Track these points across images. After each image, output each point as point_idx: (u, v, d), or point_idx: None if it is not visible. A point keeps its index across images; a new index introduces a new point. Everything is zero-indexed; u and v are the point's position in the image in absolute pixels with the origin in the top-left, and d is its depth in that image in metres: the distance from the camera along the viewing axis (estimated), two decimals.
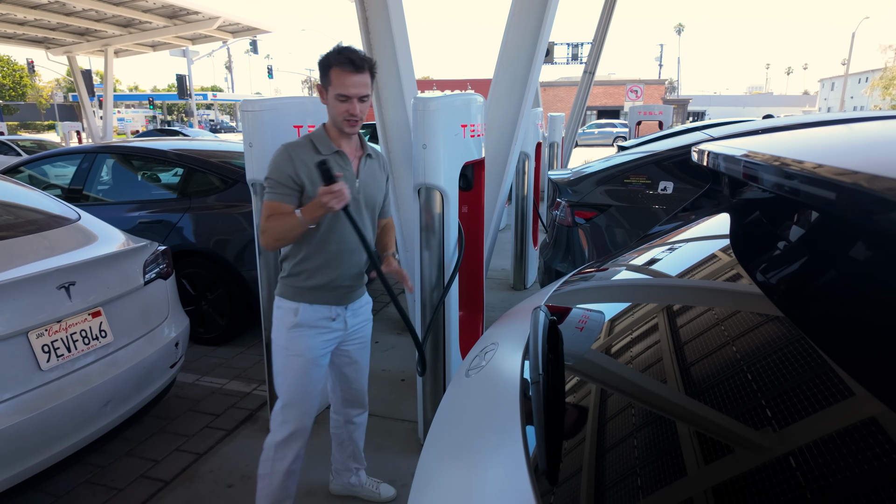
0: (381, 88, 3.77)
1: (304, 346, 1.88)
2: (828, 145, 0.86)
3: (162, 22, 17.13)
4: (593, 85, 10.89)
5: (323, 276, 1.85)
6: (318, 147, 1.80)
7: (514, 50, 3.72)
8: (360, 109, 1.76)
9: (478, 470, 0.68)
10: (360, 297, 2.02)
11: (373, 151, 1.96)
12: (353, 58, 1.70)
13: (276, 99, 2.53)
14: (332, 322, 1.91)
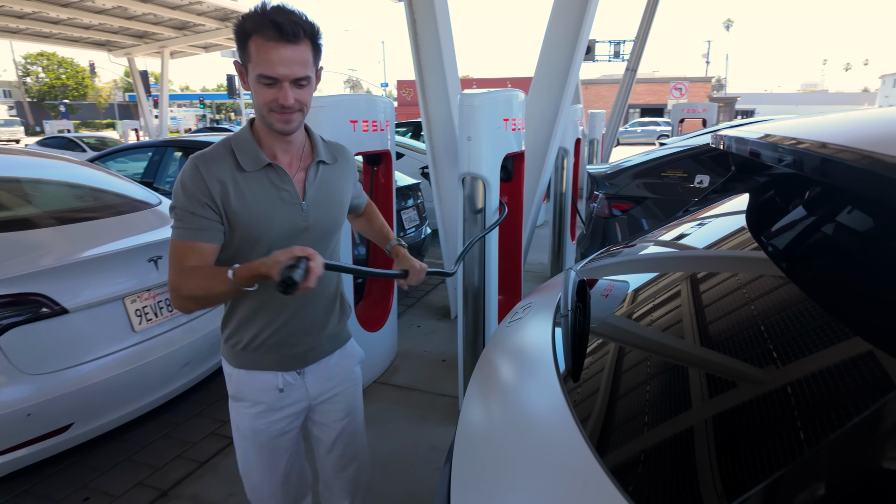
0: (427, 86, 3.99)
1: (246, 426, 1.39)
2: (825, 127, 1.00)
3: (214, 24, 17.91)
4: (637, 83, 10.85)
5: (262, 331, 1.33)
6: (241, 160, 1.24)
7: (555, 48, 3.87)
8: (295, 98, 1.18)
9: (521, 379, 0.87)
10: (333, 353, 1.47)
11: (329, 154, 1.38)
12: (280, 21, 1.11)
13: (334, 96, 2.78)
14: (281, 394, 1.38)
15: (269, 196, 1.26)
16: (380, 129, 3.00)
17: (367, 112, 2.88)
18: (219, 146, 1.26)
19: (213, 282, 1.16)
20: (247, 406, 1.38)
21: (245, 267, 1.14)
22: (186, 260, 1.19)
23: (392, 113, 3.16)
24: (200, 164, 1.21)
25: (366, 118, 2.84)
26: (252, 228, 1.24)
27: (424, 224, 4.75)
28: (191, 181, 1.20)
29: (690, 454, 0.57)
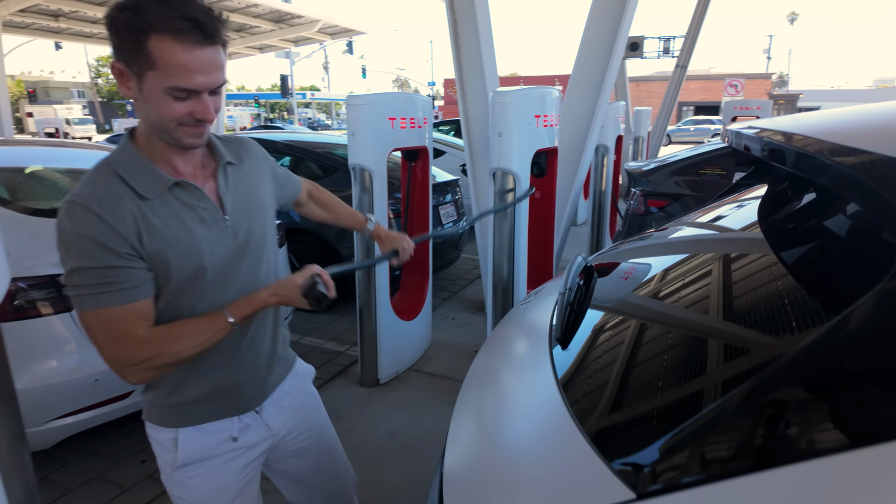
0: (466, 84, 4.09)
1: (204, 491, 1.16)
2: (820, 119, 1.04)
3: (269, 26, 18.59)
4: (691, 79, 10.63)
5: (207, 379, 1.12)
6: (137, 187, 0.97)
7: (593, 45, 3.89)
8: (214, 107, 0.97)
9: (518, 347, 0.97)
10: (284, 380, 1.29)
11: (232, 153, 1.15)
12: (197, 17, 0.89)
13: (374, 94, 2.93)
14: (235, 443, 1.18)
15: (185, 221, 1.01)
16: (417, 126, 3.12)
17: (405, 109, 3.01)
18: (98, 177, 0.96)
19: (209, 334, 1.00)
20: (198, 468, 1.14)
21: (244, 304, 1.04)
22: (132, 328, 0.94)
23: (430, 110, 3.28)
24: (94, 205, 0.92)
25: (404, 115, 2.97)
26: (181, 266, 1.00)
27: (462, 220, 4.86)
28: (94, 230, 0.91)
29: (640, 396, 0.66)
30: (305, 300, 1.04)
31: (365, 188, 2.91)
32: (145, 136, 1.00)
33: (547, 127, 2.80)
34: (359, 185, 2.91)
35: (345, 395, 3.06)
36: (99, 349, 0.94)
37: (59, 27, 16.65)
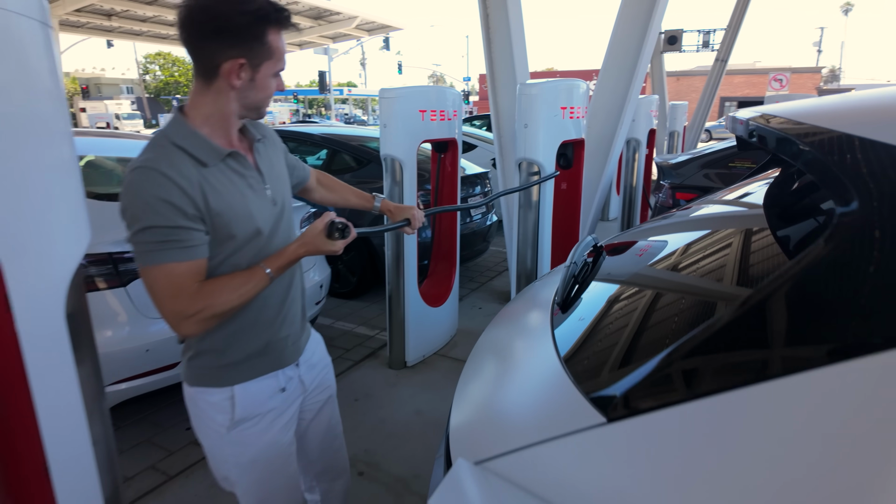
0: (497, 79, 4.17)
1: (260, 445, 1.28)
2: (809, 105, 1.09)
3: (309, 23, 18.98)
4: (735, 73, 10.37)
5: (259, 335, 1.24)
6: (198, 155, 1.09)
7: (624, 39, 3.91)
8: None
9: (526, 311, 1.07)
10: (310, 340, 1.44)
11: (257, 131, 1.28)
12: (287, 12, 1.11)
13: (406, 87, 3.05)
14: (284, 394, 1.31)
15: (239, 187, 1.14)
16: (447, 119, 3.22)
17: (436, 102, 3.11)
18: (162, 147, 1.07)
19: (251, 286, 1.11)
20: (254, 423, 1.25)
21: (278, 257, 1.15)
22: (189, 283, 1.04)
23: (460, 104, 3.37)
24: (166, 169, 1.02)
25: (434, 108, 3.07)
26: (239, 227, 1.12)
27: (491, 212, 4.94)
28: (166, 192, 1.01)
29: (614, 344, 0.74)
30: (329, 240, 1.16)
31: (395, 178, 3.03)
32: (203, 115, 1.11)
33: (573, 119, 2.86)
34: (390, 175, 3.03)
35: (374, 376, 3.20)
36: (157, 302, 1.05)
37: (111, 26, 17.41)
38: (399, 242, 3.17)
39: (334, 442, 1.56)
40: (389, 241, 3.24)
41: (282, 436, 1.32)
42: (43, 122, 0.71)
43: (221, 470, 1.31)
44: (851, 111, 0.74)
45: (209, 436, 1.27)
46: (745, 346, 0.58)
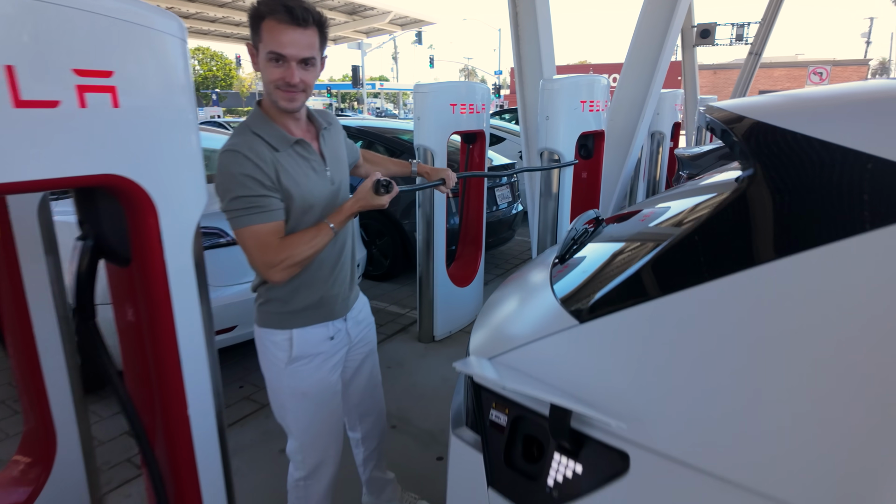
0: (524, 74, 4.39)
1: (311, 381, 1.53)
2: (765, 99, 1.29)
3: (343, 18, 19.37)
4: (775, 67, 10.23)
5: (315, 291, 1.49)
6: (271, 141, 1.34)
7: (646, 33, 4.08)
8: (301, 78, 1.31)
9: (535, 265, 1.32)
10: (357, 300, 1.69)
11: (324, 120, 1.53)
12: (292, 6, 1.25)
13: (439, 83, 3.31)
14: (333, 341, 1.56)
15: (303, 169, 1.39)
16: (476, 112, 3.47)
17: (465, 97, 3.36)
18: (243, 135, 1.32)
19: (320, 240, 1.35)
20: (308, 362, 1.50)
21: (338, 213, 1.39)
22: (272, 239, 1.29)
23: (488, 98, 3.61)
24: (247, 152, 1.28)
25: (464, 101, 3.33)
26: (301, 200, 1.37)
27: (516, 202, 5.17)
28: (249, 169, 1.27)
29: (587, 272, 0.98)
30: (377, 195, 1.40)
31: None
32: (267, 106, 1.38)
33: (593, 112, 3.07)
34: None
35: (405, 348, 3.50)
36: (249, 257, 1.31)
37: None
38: (429, 228, 3.44)
39: (374, 390, 1.82)
40: (420, 227, 3.51)
41: (330, 375, 1.57)
42: (179, 111, 1.00)
43: (279, 398, 1.56)
44: (772, 103, 0.96)
45: (271, 369, 1.53)
46: (669, 267, 0.82)
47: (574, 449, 0.83)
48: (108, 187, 0.91)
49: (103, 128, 0.85)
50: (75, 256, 0.98)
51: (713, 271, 0.76)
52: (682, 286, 0.77)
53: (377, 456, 1.92)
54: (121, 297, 1.09)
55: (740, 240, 0.77)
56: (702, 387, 0.73)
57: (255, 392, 2.98)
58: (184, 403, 1.09)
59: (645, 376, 0.78)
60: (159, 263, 0.98)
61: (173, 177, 0.97)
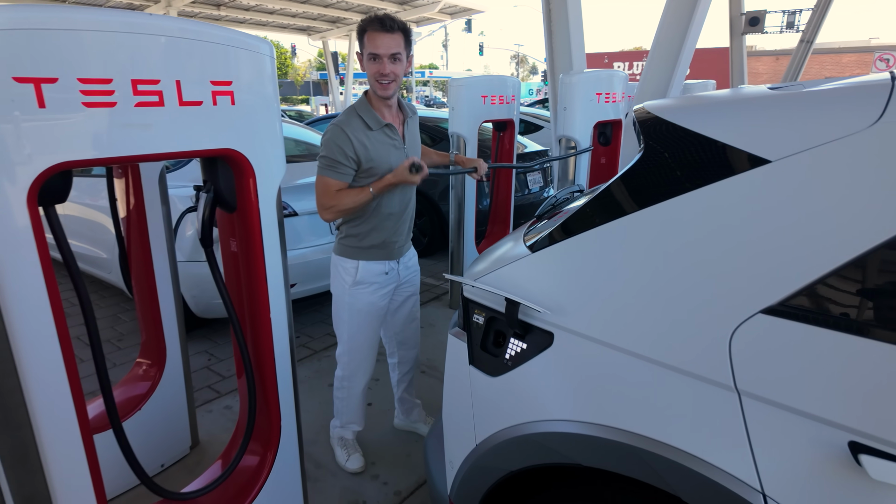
0: (556, 66, 4.71)
1: (365, 301, 2.02)
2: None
3: (394, 8, 19.81)
4: (843, 53, 9.91)
5: (378, 236, 1.98)
6: (368, 122, 1.87)
7: (670, 25, 4.29)
8: (391, 69, 1.81)
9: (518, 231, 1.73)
10: (409, 251, 2.17)
11: (410, 110, 2.04)
12: (381, 18, 1.77)
13: (471, 77, 3.71)
14: (387, 276, 2.04)
15: (387, 147, 1.92)
16: (506, 102, 3.85)
17: (497, 89, 3.76)
18: (349, 114, 1.87)
19: (360, 198, 1.85)
20: (366, 287, 2.01)
21: (379, 182, 1.87)
22: (332, 191, 1.85)
23: (518, 90, 3.98)
24: (346, 128, 1.82)
25: (494, 93, 3.72)
26: (378, 170, 1.90)
27: (548, 187, 5.51)
28: (340, 140, 1.81)
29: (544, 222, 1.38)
30: (410, 174, 1.87)
31: (460, 152, 3.72)
32: (371, 96, 1.91)
33: (609, 103, 3.41)
34: (455, 149, 3.73)
35: (437, 312, 3.96)
36: (317, 197, 1.88)
37: (219, 14, 19.16)
38: (460, 209, 3.87)
39: (412, 323, 2.29)
40: (453, 208, 3.95)
41: (379, 301, 2.08)
42: (269, 106, 1.45)
43: (339, 312, 2.08)
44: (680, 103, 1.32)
45: (338, 288, 2.06)
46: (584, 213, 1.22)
47: (522, 333, 1.25)
48: (225, 157, 1.39)
49: (225, 118, 1.32)
50: (201, 204, 1.47)
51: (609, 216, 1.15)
52: (590, 227, 1.17)
53: (408, 380, 2.41)
54: (226, 234, 1.58)
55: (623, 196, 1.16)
56: (592, 287, 1.13)
57: (309, 341, 3.52)
58: (267, 310, 1.57)
59: (564, 283, 1.19)
60: (255, 211, 1.46)
61: (265, 151, 1.44)
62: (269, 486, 1.66)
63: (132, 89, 1.14)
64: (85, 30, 1.07)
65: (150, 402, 2.13)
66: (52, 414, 1.14)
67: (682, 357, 1.00)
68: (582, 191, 1.92)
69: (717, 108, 1.15)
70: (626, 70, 31.96)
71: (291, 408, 1.71)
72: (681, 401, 1.00)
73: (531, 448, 1.18)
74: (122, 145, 1.15)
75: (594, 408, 1.11)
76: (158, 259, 2.10)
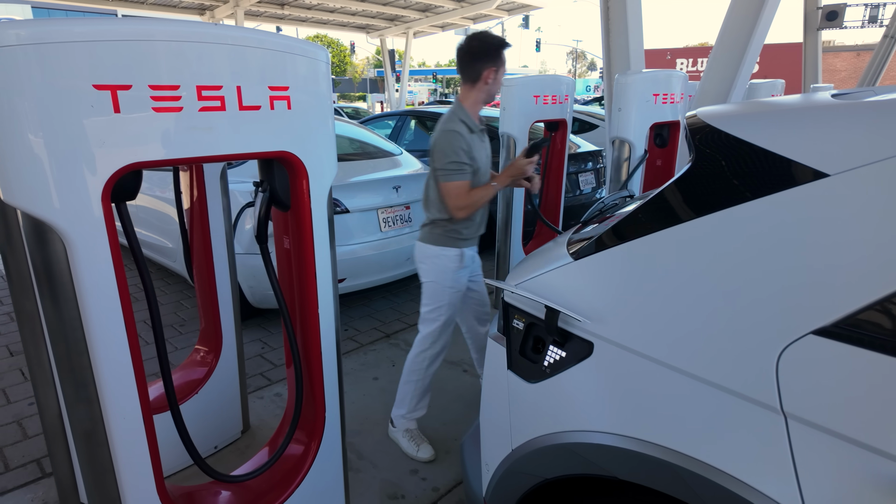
0: (613, 65, 4.61)
1: (461, 283, 2.33)
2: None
3: (451, 5, 19.88)
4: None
5: (474, 226, 2.29)
6: (470, 125, 2.15)
7: (735, 21, 4.12)
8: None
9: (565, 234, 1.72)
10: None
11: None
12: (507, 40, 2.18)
13: (523, 77, 3.69)
14: (468, 259, 2.34)
15: (482, 148, 2.23)
16: (559, 102, 3.80)
17: (549, 88, 3.71)
18: (455, 120, 2.12)
19: (488, 193, 2.15)
20: (463, 270, 2.31)
21: (501, 177, 2.21)
22: (463, 191, 2.10)
23: (573, 89, 3.92)
24: (462, 131, 2.10)
25: (547, 93, 3.68)
26: (478, 167, 2.18)
27: (601, 188, 5.40)
28: (460, 144, 2.07)
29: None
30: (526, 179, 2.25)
31: (510, 152, 3.71)
32: (470, 102, 2.19)
33: (667, 104, 3.30)
34: (505, 149, 3.72)
35: None
36: (448, 201, 2.12)
37: (283, 14, 19.83)
38: (508, 209, 3.86)
39: (483, 300, 2.53)
40: (500, 208, 3.94)
41: (462, 278, 2.34)
42: (323, 110, 1.51)
43: (438, 296, 2.30)
44: (732, 110, 1.27)
45: (439, 274, 2.28)
46: (632, 222, 1.20)
47: (561, 341, 1.25)
48: (281, 159, 1.45)
49: (281, 122, 1.38)
50: (258, 203, 1.54)
51: (655, 226, 1.13)
52: (635, 236, 1.15)
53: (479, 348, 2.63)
54: (280, 232, 1.66)
55: (672, 206, 1.13)
56: (636, 299, 1.12)
57: (356, 334, 3.61)
58: (315, 305, 1.63)
59: (607, 292, 1.18)
60: (307, 210, 1.52)
61: (318, 153, 1.50)
62: (313, 475, 1.73)
63: (197, 95, 1.22)
64: (158, 40, 1.15)
65: (206, 386, 2.25)
66: (117, 391, 1.24)
67: (727, 375, 0.97)
68: (632, 196, 1.89)
69: (770, 117, 1.10)
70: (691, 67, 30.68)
71: (336, 399, 1.77)
72: (723, 420, 0.98)
73: (567, 457, 1.18)
74: (186, 147, 1.23)
75: (633, 421, 1.09)
76: (218, 251, 2.21)
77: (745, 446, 0.95)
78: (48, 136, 1.06)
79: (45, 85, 1.04)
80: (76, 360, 1.19)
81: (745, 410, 0.95)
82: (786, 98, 1.23)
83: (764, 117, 1.10)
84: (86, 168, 1.11)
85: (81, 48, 1.06)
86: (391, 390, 2.88)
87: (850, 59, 28.29)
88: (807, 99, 1.18)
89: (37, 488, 2.15)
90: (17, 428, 2.52)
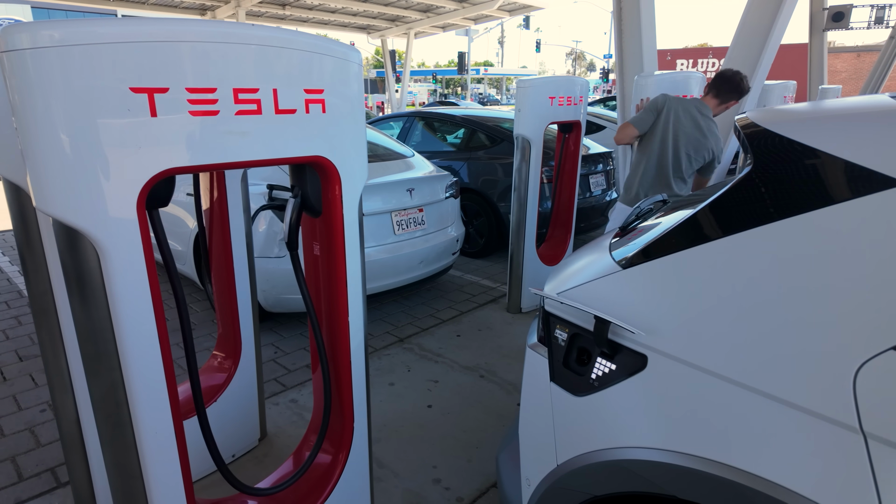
0: (625, 66, 4.57)
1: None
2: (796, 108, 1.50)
3: (453, 6, 19.83)
4: None
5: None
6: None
7: (752, 23, 4.09)
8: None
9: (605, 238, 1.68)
10: None
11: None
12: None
13: (540, 77, 3.65)
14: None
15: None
16: (573, 104, 3.77)
17: (564, 90, 3.68)
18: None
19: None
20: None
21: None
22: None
23: (587, 91, 3.88)
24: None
25: (562, 94, 3.64)
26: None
27: (611, 189, 5.36)
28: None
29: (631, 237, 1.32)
30: None
31: (524, 155, 3.67)
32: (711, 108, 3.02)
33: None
34: (519, 151, 3.68)
35: (495, 315, 3.93)
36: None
37: (284, 14, 19.76)
38: (522, 210, 3.82)
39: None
40: (514, 210, 3.90)
41: None
42: (356, 114, 1.47)
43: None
44: (784, 112, 1.22)
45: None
46: (683, 231, 1.16)
47: (611, 353, 1.20)
48: (314, 164, 1.41)
49: (316, 126, 1.34)
50: (289, 209, 1.50)
51: (716, 234, 1.09)
52: (693, 244, 1.11)
53: None
54: (310, 238, 1.61)
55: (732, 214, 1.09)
56: (696, 310, 1.08)
57: (369, 339, 3.55)
58: (346, 311, 1.59)
59: (662, 303, 1.14)
60: (339, 216, 1.48)
61: (351, 158, 1.46)
62: (342, 486, 1.68)
63: (233, 98, 1.17)
64: (193, 41, 1.10)
65: (225, 393, 2.21)
66: (147, 397, 1.20)
67: (798, 391, 0.93)
68: (666, 201, 1.85)
69: (834, 121, 1.06)
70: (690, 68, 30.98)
71: (364, 407, 1.72)
72: (794, 438, 0.93)
73: (621, 475, 1.14)
74: (221, 152, 1.19)
75: (693, 438, 1.05)
76: (238, 255, 2.17)
77: (821, 467, 0.90)
78: (84, 141, 1.01)
79: (80, 88, 0.99)
80: (106, 362, 1.15)
81: (820, 430, 0.90)
82: (842, 102, 1.19)
83: (827, 121, 1.07)
84: (122, 174, 1.06)
85: (117, 49, 1.02)
86: (408, 396, 2.84)
87: (851, 61, 28.30)
88: (864, 101, 1.14)
89: (52, 498, 2.10)
90: (29, 435, 2.47)
